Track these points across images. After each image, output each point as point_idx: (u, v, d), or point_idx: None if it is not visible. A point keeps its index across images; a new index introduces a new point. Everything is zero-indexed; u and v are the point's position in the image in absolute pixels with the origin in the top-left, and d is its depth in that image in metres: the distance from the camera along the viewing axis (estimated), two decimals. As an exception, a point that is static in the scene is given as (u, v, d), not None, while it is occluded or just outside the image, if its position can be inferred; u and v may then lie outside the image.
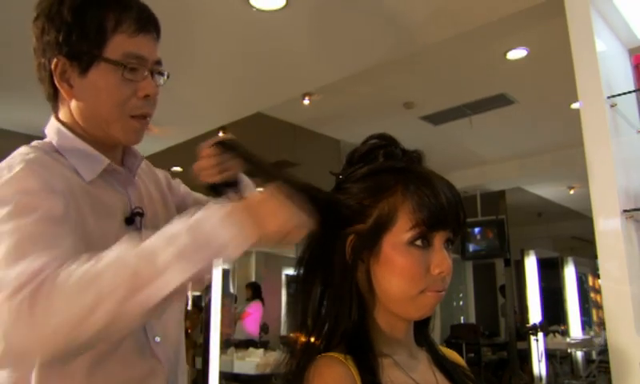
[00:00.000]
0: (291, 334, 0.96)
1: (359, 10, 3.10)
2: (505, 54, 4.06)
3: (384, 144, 0.99)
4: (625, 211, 1.70)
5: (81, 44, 1.09)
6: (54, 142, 1.15)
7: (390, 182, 0.92)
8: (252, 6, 3.06)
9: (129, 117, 1.14)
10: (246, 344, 7.00)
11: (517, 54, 4.02)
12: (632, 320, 1.65)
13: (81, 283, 0.82)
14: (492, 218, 7.20)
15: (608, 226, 1.71)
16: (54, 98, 1.17)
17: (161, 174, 1.42)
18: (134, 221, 1.17)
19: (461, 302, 10.72)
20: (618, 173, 1.73)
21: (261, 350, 6.25)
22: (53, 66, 1.11)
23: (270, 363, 5.21)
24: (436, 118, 5.39)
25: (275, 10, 3.09)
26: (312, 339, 0.92)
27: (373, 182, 0.93)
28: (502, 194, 7.75)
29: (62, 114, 1.17)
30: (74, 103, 1.14)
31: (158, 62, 1.19)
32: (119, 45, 1.11)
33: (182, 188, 1.47)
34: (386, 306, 0.92)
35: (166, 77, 1.23)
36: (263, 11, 3.10)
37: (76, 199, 1.06)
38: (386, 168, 0.95)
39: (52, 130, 1.17)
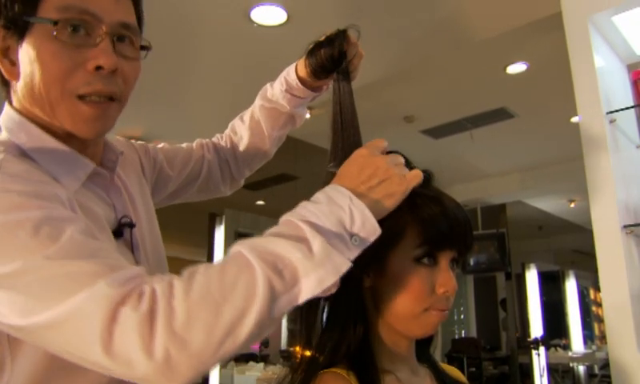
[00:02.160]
0: (292, 349, 0.96)
1: (359, 25, 3.11)
2: (505, 69, 4.07)
3: None
4: (625, 226, 1.70)
5: (13, 4, 0.84)
6: (19, 142, 0.87)
7: None
8: (253, 22, 3.07)
9: (74, 97, 0.85)
10: (246, 358, 6.97)
11: (517, 68, 4.04)
12: (633, 336, 1.64)
13: (213, 293, 0.68)
14: (493, 231, 7.20)
15: (608, 242, 1.71)
16: (6, 81, 0.91)
17: (134, 153, 1.18)
18: (123, 233, 0.96)
19: (462, 316, 10.67)
20: (618, 188, 1.73)
21: (261, 364, 6.24)
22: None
23: (270, 377, 5.20)
24: (436, 132, 5.40)
25: (276, 26, 3.11)
26: (314, 354, 0.92)
27: None
28: (502, 207, 7.75)
29: (16, 103, 0.91)
30: (19, 84, 0.88)
31: (126, 26, 0.90)
32: None
33: (161, 154, 1.28)
34: (389, 323, 0.92)
35: (145, 51, 0.95)
36: (264, 27, 3.12)
37: (74, 207, 0.83)
38: None
39: (12, 123, 0.89)
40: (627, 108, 1.86)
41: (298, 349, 0.94)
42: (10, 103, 0.92)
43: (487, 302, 10.70)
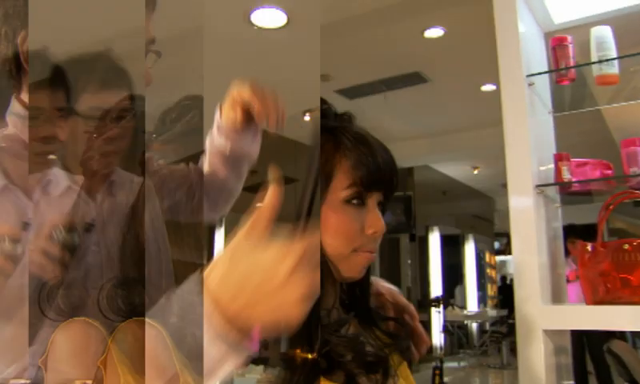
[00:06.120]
0: (292, 352, 0.93)
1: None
2: (422, 33, 4.12)
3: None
4: (537, 186, 1.79)
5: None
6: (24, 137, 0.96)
7: (327, 140, 0.91)
8: (253, 25, 3.07)
9: None
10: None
11: (434, 32, 4.10)
12: (538, 290, 1.74)
13: None
14: (400, 194, 7.39)
15: (521, 201, 1.78)
16: (17, 75, 0.95)
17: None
18: None
19: (366, 275, 10.98)
20: (532, 150, 1.80)
21: (261, 367, 6.16)
22: (20, 40, 0.91)
23: (271, 380, 5.11)
24: (351, 92, 5.42)
25: (276, 29, 3.12)
26: (316, 357, 0.89)
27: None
28: (410, 170, 7.95)
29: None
30: None
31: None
32: None
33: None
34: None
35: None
36: (265, 29, 3.12)
37: None
38: (321, 127, 0.93)
39: (21, 121, 0.96)
40: (545, 72, 1.93)
41: (298, 352, 0.92)
42: (19, 97, 0.97)
43: (391, 262, 11.06)
